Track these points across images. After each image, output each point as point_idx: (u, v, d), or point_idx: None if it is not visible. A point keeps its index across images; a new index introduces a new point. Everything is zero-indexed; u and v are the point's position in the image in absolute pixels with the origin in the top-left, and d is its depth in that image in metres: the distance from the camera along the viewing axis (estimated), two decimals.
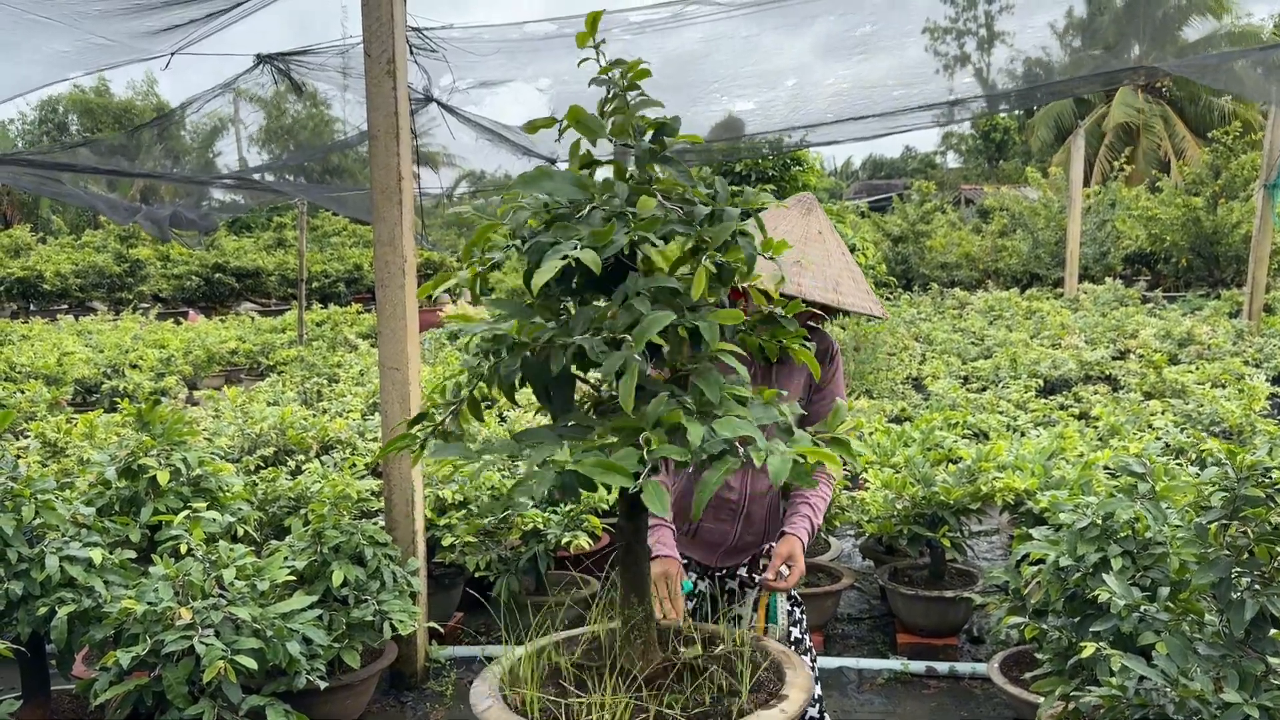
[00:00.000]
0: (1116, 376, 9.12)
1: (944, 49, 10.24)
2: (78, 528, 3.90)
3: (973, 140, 47.50)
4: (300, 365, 10.81)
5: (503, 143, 6.16)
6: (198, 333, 14.14)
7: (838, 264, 2.91)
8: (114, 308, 22.65)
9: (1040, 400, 7.92)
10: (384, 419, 4.55)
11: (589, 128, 2.15)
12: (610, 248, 1.93)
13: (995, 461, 4.82)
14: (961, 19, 13.57)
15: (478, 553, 4.90)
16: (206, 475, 4.55)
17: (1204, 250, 16.74)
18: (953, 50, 10.61)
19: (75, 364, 10.72)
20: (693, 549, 3.14)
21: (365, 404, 8.29)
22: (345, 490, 4.43)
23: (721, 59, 4.96)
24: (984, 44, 10.14)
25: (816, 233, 2.99)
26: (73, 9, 3.97)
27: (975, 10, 12.69)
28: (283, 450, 6.21)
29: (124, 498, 4.37)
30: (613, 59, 2.22)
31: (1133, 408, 6.78)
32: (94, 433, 6.27)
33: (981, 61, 10.47)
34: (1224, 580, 2.55)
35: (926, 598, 4.72)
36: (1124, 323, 11.99)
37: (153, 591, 3.53)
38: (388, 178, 4.33)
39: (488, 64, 4.72)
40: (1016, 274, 19.68)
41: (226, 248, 25.19)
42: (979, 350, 10.85)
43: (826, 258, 2.89)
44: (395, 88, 4.29)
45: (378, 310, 4.47)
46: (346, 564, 4.08)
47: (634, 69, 2.13)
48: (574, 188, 2.09)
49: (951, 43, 11.19)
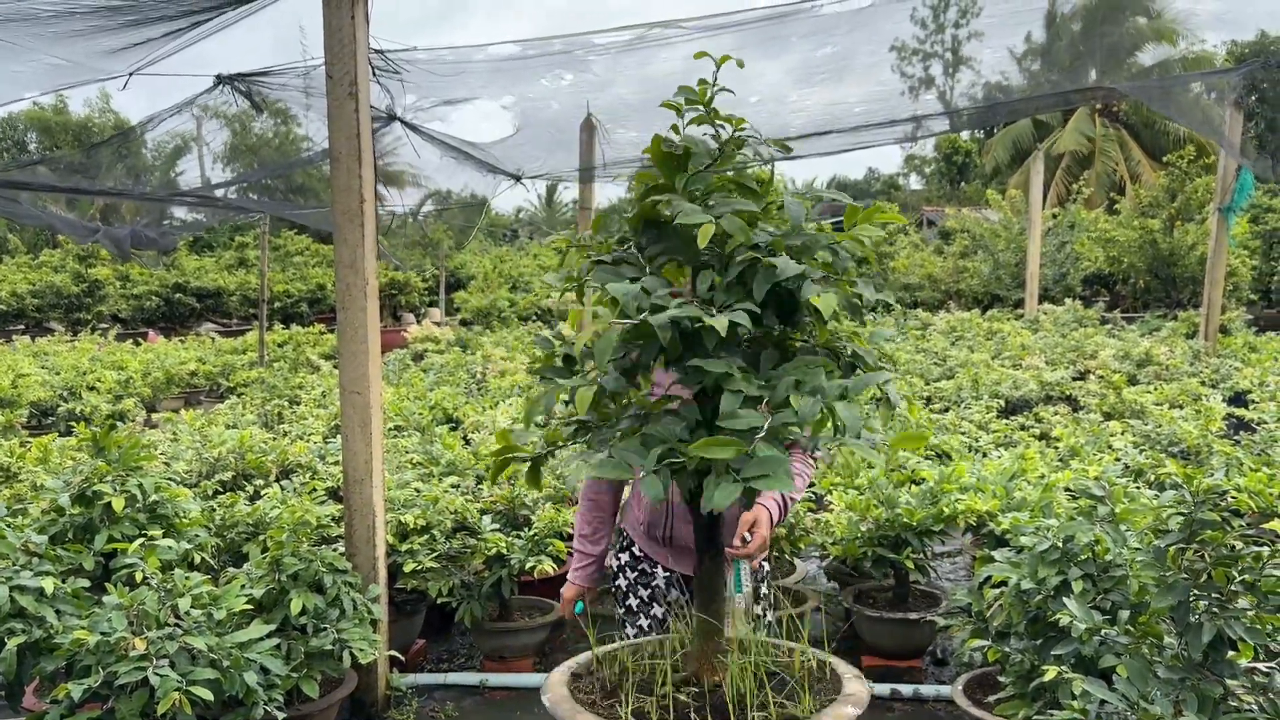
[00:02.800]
0: (1076, 397, 9.22)
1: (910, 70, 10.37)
2: (29, 556, 3.81)
3: (935, 163, 48.03)
4: (261, 387, 10.68)
5: (468, 160, 6.14)
6: (157, 354, 13.95)
7: None
8: (72, 328, 22.30)
9: (1002, 421, 7.98)
10: (345, 443, 4.50)
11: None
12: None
13: (958, 483, 4.85)
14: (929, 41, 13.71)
15: (440, 578, 4.85)
16: (163, 501, 4.47)
17: (1161, 272, 17.03)
18: (918, 73, 10.73)
19: (30, 386, 10.53)
20: (670, 557, 3.11)
21: (327, 426, 8.21)
22: (304, 517, 4.37)
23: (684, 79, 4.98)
24: (949, 67, 10.32)
25: None
26: (28, 31, 3.91)
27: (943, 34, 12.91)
28: (241, 475, 6.12)
29: (78, 525, 4.28)
30: (571, 82, 2.23)
31: (1093, 428, 6.86)
32: (48, 457, 6.16)
33: (946, 85, 10.70)
34: (1182, 603, 2.57)
35: (891, 620, 4.72)
36: (1083, 343, 12.13)
37: (106, 621, 3.45)
38: (349, 200, 4.30)
39: (450, 84, 4.71)
40: (978, 295, 19.88)
41: (187, 267, 24.91)
42: (941, 371, 10.93)
43: None
44: (357, 110, 4.26)
45: (338, 333, 4.43)
46: (305, 592, 4.01)
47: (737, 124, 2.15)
48: None
49: (918, 65, 11.31)
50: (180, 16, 4.23)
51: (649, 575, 3.11)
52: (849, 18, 4.56)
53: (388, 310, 23.84)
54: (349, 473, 4.47)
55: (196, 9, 4.21)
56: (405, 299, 23.56)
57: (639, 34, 4.36)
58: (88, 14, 3.91)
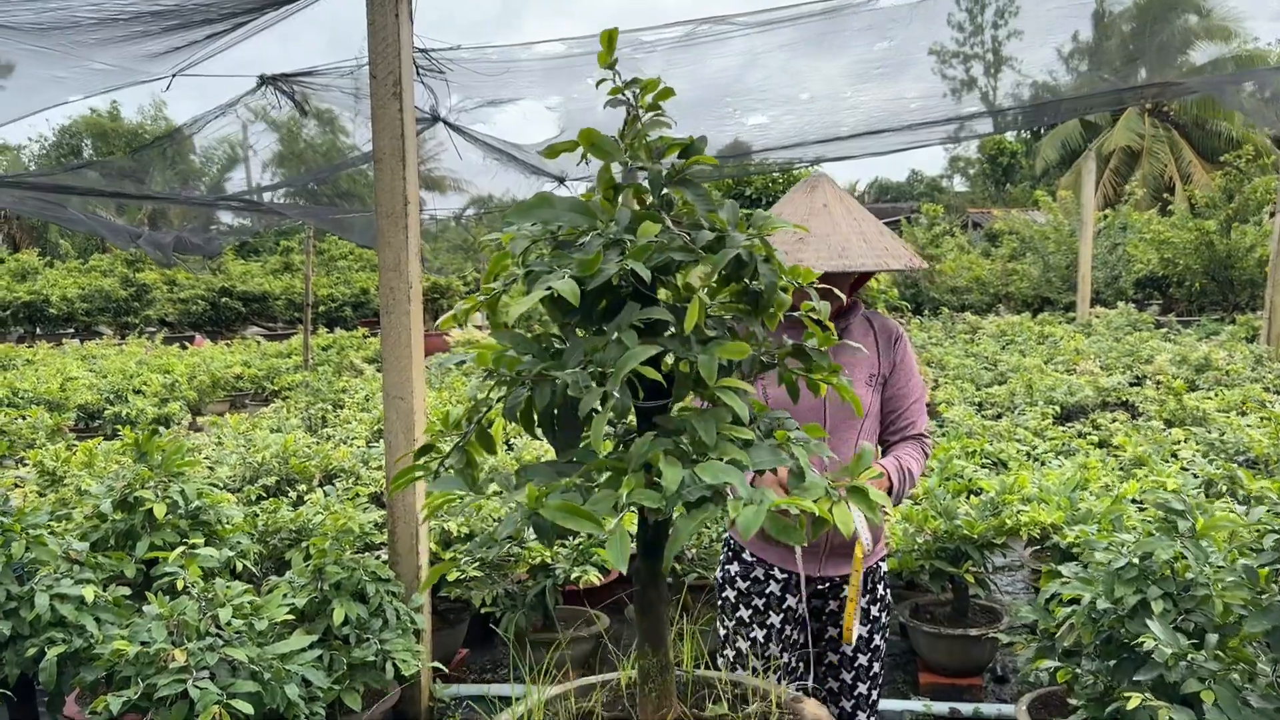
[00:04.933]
0: (1134, 403, 8.95)
1: (951, 73, 10.19)
2: (70, 563, 3.77)
3: (979, 164, 47.48)
4: (305, 391, 10.69)
5: (511, 162, 6.04)
6: (203, 358, 14.04)
7: (845, 230, 2.79)
8: (120, 332, 22.58)
9: (1058, 428, 7.75)
10: (388, 449, 4.42)
11: (603, 150, 2.03)
12: (597, 277, 1.81)
13: (1020, 494, 4.66)
14: (969, 43, 13.53)
15: (484, 587, 4.75)
16: (205, 507, 4.42)
17: (1218, 274, 16.57)
18: (960, 74, 10.52)
19: (78, 389, 10.62)
20: (781, 554, 2.89)
21: (370, 430, 8.16)
22: (348, 524, 4.29)
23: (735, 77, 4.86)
24: (990, 69, 10.09)
25: (821, 205, 2.90)
26: (69, 39, 3.87)
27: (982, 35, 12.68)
28: (285, 479, 6.07)
29: (120, 531, 4.24)
30: (629, 78, 2.12)
31: (1156, 437, 6.62)
32: (93, 461, 6.15)
33: (988, 85, 10.51)
34: (1278, 628, 2.39)
35: (950, 636, 4.55)
36: (1139, 348, 11.81)
37: (146, 632, 3.39)
38: (393, 201, 4.22)
39: (495, 84, 4.61)
40: (1027, 298, 19.49)
41: (233, 272, 25.12)
42: (992, 376, 10.69)
43: (832, 227, 2.78)
44: (401, 110, 4.18)
45: (382, 338, 4.35)
46: (348, 601, 3.93)
47: (652, 88, 2.01)
48: (574, 214, 1.98)
49: (959, 66, 11.10)
50: (222, 19, 4.17)
51: (761, 583, 2.89)
52: (907, 11, 4.40)
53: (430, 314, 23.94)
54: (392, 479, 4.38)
55: (239, 10, 4.15)
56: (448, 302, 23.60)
57: (689, 30, 4.24)
58: (130, 20, 3.87)
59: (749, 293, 2.07)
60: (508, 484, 1.95)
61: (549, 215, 1.94)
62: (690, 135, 2.08)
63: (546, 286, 1.80)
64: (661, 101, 2.04)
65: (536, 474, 1.95)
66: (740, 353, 1.88)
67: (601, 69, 2.06)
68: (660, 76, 2.07)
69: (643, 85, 2.01)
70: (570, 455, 1.97)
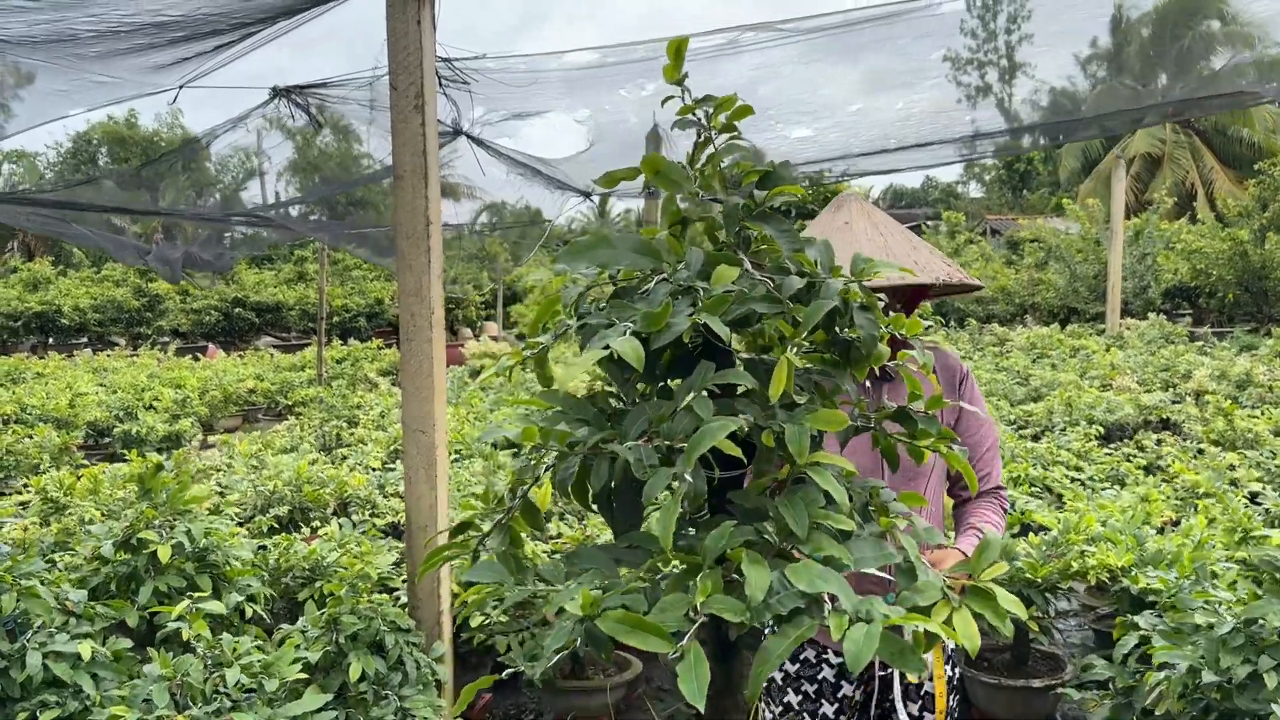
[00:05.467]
0: (1178, 422, 8.62)
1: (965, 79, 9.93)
2: (66, 615, 3.49)
3: (996, 171, 47.13)
4: (319, 406, 10.43)
5: (537, 177, 5.76)
6: (215, 371, 13.80)
7: (868, 247, 2.50)
8: (133, 343, 22.40)
9: (1102, 449, 7.42)
10: (408, 485, 4.13)
11: (670, 179, 1.74)
12: (665, 333, 1.51)
13: (1085, 533, 4.34)
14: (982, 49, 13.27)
15: (509, 631, 4.45)
16: (212, 547, 4.14)
17: (1251, 285, 16.14)
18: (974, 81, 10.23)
19: (88, 405, 10.38)
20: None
21: (386, 451, 7.90)
22: (364, 569, 4.00)
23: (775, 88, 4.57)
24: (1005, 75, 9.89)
25: (843, 223, 2.63)
26: (69, 52, 3.61)
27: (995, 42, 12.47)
28: (299, 508, 5.80)
29: (121, 575, 3.97)
30: (652, 92, 1.82)
31: (1213, 463, 6.28)
32: (98, 489, 5.88)
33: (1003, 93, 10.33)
34: None
35: (1010, 687, 4.23)
36: (1174, 362, 11.46)
37: (147, 695, 3.11)
38: (414, 221, 3.93)
39: (522, 96, 4.34)
40: (1054, 308, 19.08)
41: (246, 282, 24.92)
42: (1025, 392, 10.35)
43: (850, 245, 2.47)
44: (424, 124, 3.89)
45: (402, 367, 4.07)
46: (365, 654, 3.64)
47: (728, 105, 1.72)
48: (636, 254, 1.67)
49: (973, 73, 10.81)
50: (231, 29, 3.91)
51: (813, 666, 2.53)
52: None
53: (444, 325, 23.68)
54: (412, 519, 4.10)
55: (248, 20, 3.88)
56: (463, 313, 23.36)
57: (730, 38, 3.95)
58: (132, 32, 3.61)
59: (838, 341, 1.77)
60: (556, 574, 1.66)
61: (607, 257, 1.63)
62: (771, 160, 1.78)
63: (604, 345, 1.50)
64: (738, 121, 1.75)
65: (590, 561, 1.66)
66: (836, 423, 1.58)
67: (668, 83, 1.77)
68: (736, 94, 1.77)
69: (716, 104, 1.71)
70: (631, 539, 1.67)
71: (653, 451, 1.49)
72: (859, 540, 1.56)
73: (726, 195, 1.70)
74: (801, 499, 1.54)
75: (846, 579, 1.44)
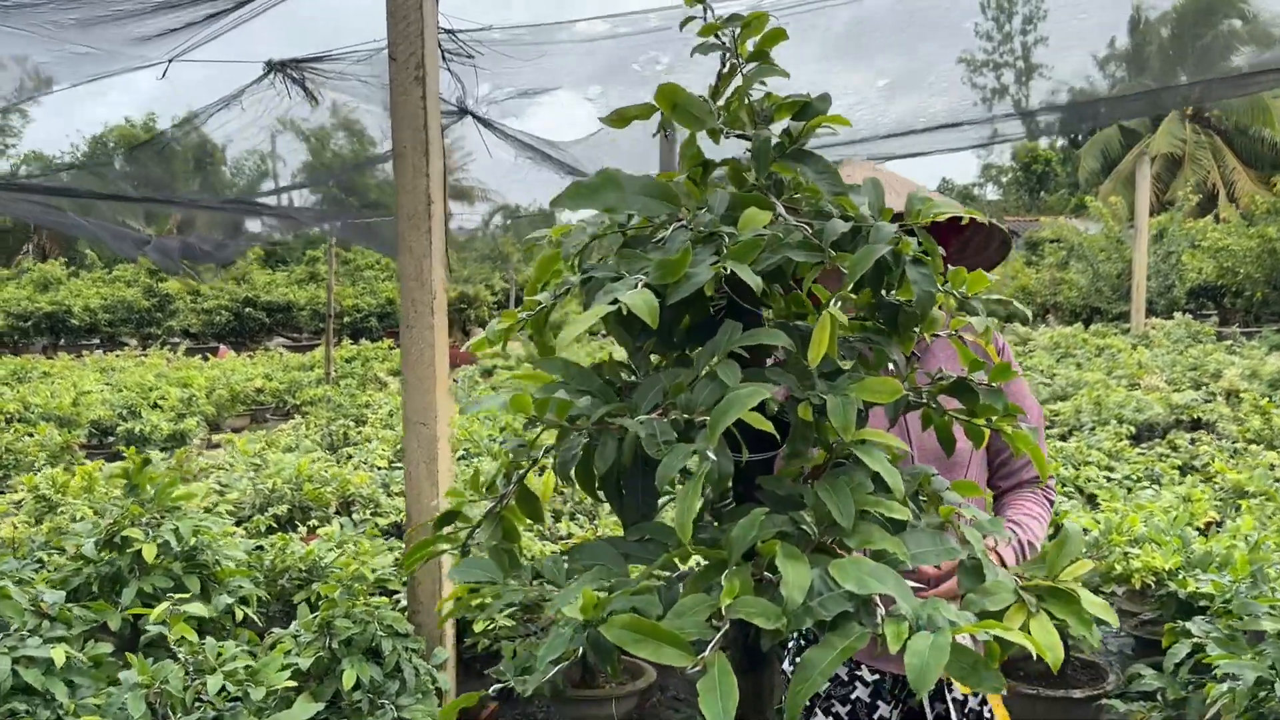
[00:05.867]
0: (1211, 421, 8.33)
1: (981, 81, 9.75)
2: (40, 618, 3.27)
3: (1013, 172, 46.79)
4: (327, 405, 10.22)
5: (546, 161, 5.52)
6: (223, 370, 13.63)
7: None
8: (144, 343, 22.27)
9: (1134, 449, 7.14)
10: (409, 481, 3.91)
11: (690, 113, 1.48)
12: (683, 286, 1.26)
13: (1128, 534, 4.08)
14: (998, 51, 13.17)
15: (515, 636, 4.22)
16: (203, 546, 3.92)
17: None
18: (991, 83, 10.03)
19: (91, 404, 10.20)
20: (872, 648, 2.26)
21: (393, 450, 7.68)
22: (360, 570, 3.77)
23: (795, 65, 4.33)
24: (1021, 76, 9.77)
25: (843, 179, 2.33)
26: (42, 18, 3.39)
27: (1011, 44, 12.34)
28: (299, 507, 5.57)
29: (104, 576, 3.75)
30: (667, 66, 1.59)
31: (1257, 462, 6.00)
32: (93, 487, 5.67)
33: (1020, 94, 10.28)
34: None
35: (1049, 698, 3.97)
36: (1203, 361, 11.16)
37: (121, 704, 2.88)
38: (415, 202, 3.71)
39: (529, 71, 4.11)
40: (1076, 308, 18.75)
41: (257, 282, 24.75)
42: (1050, 391, 10.07)
43: None
44: (425, 96, 3.67)
45: (403, 355, 3.85)
46: (360, 661, 3.41)
47: (759, 26, 1.47)
48: (650, 199, 1.42)
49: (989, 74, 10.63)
50: None
51: (845, 685, 2.29)
52: None
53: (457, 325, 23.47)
54: (412, 517, 3.87)
55: None
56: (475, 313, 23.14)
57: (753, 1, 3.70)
58: None
59: (884, 304, 1.53)
60: (557, 572, 1.41)
61: (615, 200, 1.38)
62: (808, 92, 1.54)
63: (612, 299, 1.25)
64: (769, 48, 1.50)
65: (595, 556, 1.40)
66: (889, 392, 1.32)
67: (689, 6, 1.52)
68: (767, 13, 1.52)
69: (745, 22, 1.46)
70: (643, 531, 1.42)
71: (669, 425, 1.24)
72: (915, 532, 1.31)
73: (758, 130, 1.45)
74: (846, 483, 1.29)
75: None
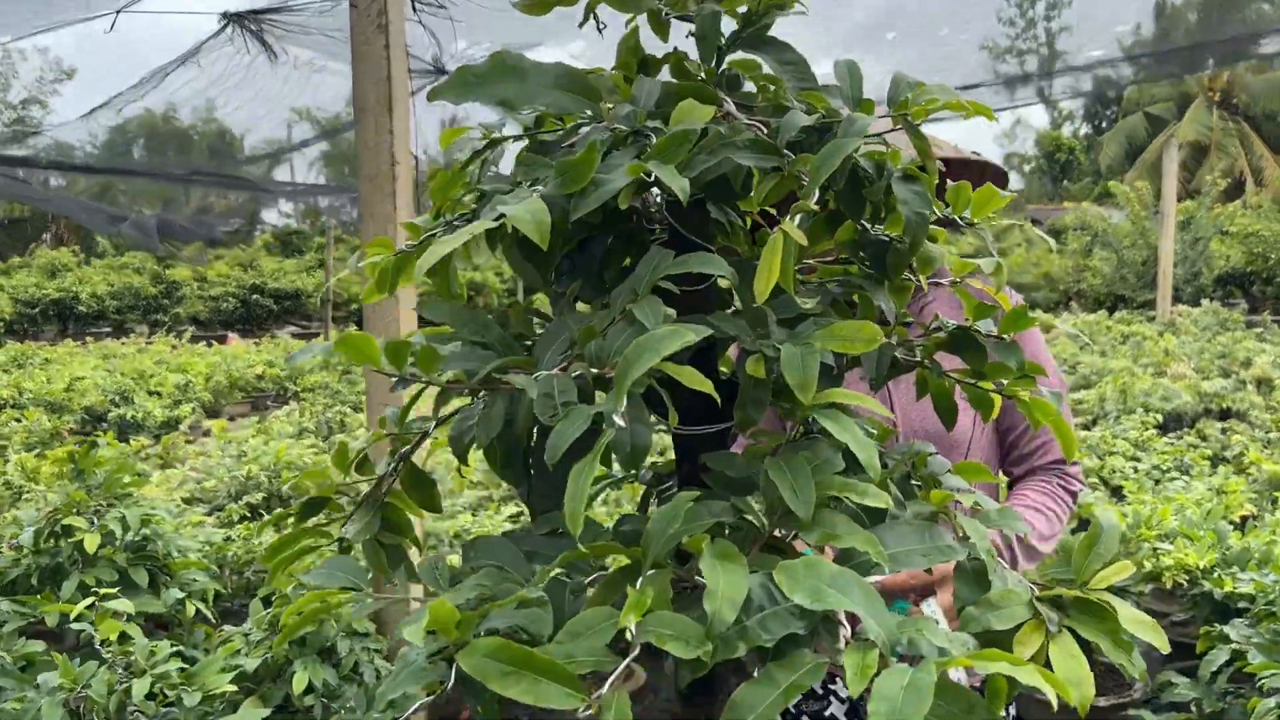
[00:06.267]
0: (1242, 410, 7.96)
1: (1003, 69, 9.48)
2: None
3: (1036, 160, 46.40)
4: (325, 392, 9.98)
5: None
6: (224, 357, 13.42)
7: None
8: (152, 330, 22.10)
9: (1162, 438, 6.79)
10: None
11: None
12: (590, 195, 0.91)
13: (1158, 528, 3.74)
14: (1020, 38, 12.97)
15: None
16: (154, 537, 3.64)
17: None
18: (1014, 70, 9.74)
19: (85, 390, 9.98)
20: None
21: None
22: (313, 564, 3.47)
23: None
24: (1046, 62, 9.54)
25: None
26: None
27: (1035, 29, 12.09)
28: (275, 495, 5.30)
29: (45, 568, 3.48)
30: None
31: None
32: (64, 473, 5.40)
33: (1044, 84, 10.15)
34: None
35: (1070, 705, 3.63)
36: (1232, 349, 10.76)
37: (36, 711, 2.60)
38: (377, 162, 3.40)
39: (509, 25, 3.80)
40: (1100, 295, 18.33)
41: (265, 268, 24.53)
42: (1074, 379, 9.70)
43: None
44: (388, 46, 3.36)
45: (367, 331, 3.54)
46: (313, 663, 3.11)
47: None
48: (563, 93, 1.10)
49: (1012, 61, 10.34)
50: None
51: (819, 699, 2.03)
52: None
53: None
54: None
55: None
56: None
57: None
58: None
59: (868, 241, 1.20)
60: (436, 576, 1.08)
61: (513, 91, 1.06)
62: None
63: (496, 215, 0.93)
64: None
65: (489, 554, 1.08)
66: (865, 340, 0.99)
67: None
68: None
69: None
70: (555, 522, 1.10)
71: (569, 382, 0.92)
72: (896, 525, 0.99)
73: (703, 7, 1.13)
74: (806, 460, 0.96)
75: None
